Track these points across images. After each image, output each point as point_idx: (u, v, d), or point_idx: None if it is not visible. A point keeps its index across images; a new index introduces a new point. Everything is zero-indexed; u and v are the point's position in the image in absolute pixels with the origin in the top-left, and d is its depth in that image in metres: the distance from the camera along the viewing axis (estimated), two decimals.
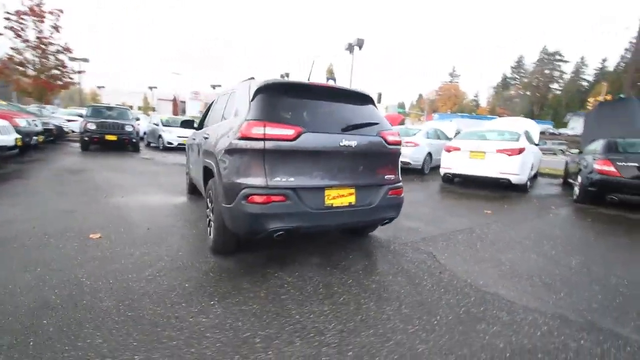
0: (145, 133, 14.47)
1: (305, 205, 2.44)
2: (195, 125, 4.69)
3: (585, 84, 65.04)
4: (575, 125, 44.27)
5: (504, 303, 2.39)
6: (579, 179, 6.04)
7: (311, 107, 2.65)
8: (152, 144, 13.81)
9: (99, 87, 54.43)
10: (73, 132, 13.72)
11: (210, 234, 3.01)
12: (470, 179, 7.34)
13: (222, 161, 2.54)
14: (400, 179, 3.06)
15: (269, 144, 2.33)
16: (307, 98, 2.68)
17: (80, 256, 2.76)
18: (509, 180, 6.45)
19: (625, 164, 5.22)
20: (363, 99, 2.99)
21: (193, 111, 46.31)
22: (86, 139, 10.02)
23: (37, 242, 3.00)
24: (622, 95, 9.94)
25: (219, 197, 2.59)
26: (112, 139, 10.17)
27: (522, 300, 2.44)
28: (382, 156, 2.84)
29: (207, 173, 3.13)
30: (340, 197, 2.62)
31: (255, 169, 2.36)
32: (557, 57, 66.68)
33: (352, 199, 2.66)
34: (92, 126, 9.98)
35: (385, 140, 2.82)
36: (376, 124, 2.85)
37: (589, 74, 65.85)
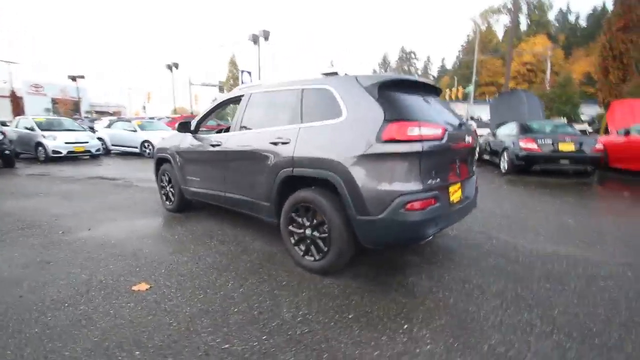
0: None
1: (445, 205, 2.37)
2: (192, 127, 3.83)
3: (432, 78, 79.98)
4: None
5: (586, 262, 2.86)
6: (505, 155, 7.56)
7: (424, 103, 2.55)
8: (22, 155, 10.39)
9: None
10: None
11: (308, 254, 2.60)
12: None
13: (358, 169, 2.21)
14: None
15: (425, 145, 2.16)
16: (416, 94, 2.56)
17: (167, 317, 1.99)
18: None
19: (543, 141, 6.83)
20: (439, 92, 3.04)
21: (35, 109, 36.22)
22: None
23: (65, 316, 2.00)
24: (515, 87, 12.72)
25: (352, 209, 2.25)
26: None
27: (592, 256, 2.98)
28: (473, 149, 2.97)
29: (289, 185, 2.67)
30: (455, 193, 2.64)
31: (411, 173, 2.16)
32: (412, 55, 79.58)
33: (460, 194, 2.72)
34: None
35: (475, 133, 2.96)
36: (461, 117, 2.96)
37: (434, 70, 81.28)
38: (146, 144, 11.42)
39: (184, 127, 3.80)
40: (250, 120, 3.17)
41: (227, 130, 4.15)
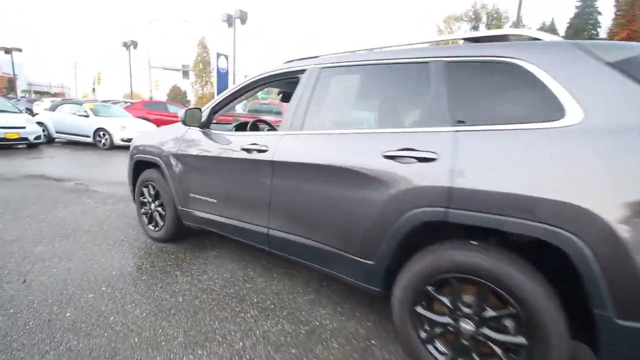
0: None
1: None
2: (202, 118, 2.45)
3: None
4: None
5: None
6: None
7: None
8: None
9: None
10: None
11: None
12: None
13: (635, 228, 1.08)
14: None
15: None
16: None
17: None
18: None
19: None
20: None
21: None
22: None
23: None
24: None
25: (607, 306, 1.12)
26: None
27: None
28: None
29: (420, 234, 1.48)
30: None
31: None
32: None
33: None
34: None
35: None
36: None
37: None
38: (101, 133, 9.41)
39: (191, 117, 2.40)
40: (326, 114, 1.90)
41: (253, 126, 2.81)
